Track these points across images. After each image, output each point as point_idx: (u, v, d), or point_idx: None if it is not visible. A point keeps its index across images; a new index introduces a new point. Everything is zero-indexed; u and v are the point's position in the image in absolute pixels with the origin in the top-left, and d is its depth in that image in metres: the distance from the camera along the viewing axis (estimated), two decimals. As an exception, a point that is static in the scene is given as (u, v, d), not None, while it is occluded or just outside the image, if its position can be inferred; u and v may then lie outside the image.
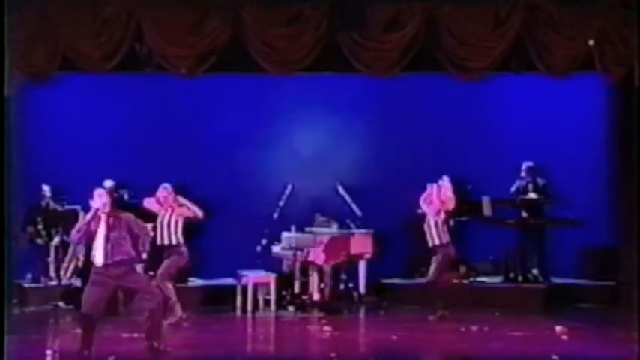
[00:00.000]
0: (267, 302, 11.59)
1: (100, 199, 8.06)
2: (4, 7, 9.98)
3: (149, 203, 10.47)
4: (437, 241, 10.55)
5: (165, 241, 10.17)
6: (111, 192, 12.22)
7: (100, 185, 12.17)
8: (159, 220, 10.23)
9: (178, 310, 10.05)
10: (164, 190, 10.32)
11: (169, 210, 10.24)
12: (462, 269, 11.99)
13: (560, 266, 12.36)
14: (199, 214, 10.32)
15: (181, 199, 10.33)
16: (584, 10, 11.03)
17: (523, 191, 12.38)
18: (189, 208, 10.27)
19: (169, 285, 10.05)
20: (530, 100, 12.89)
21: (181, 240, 10.22)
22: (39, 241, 12.04)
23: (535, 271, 12.12)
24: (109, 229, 8.01)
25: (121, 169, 12.38)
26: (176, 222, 10.20)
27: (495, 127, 12.99)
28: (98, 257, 7.98)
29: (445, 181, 10.91)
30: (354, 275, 12.24)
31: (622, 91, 11.63)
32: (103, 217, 8.06)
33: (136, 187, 12.32)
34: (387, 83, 11.89)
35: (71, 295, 11.56)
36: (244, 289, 11.53)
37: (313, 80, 12.24)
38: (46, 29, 10.90)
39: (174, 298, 10.03)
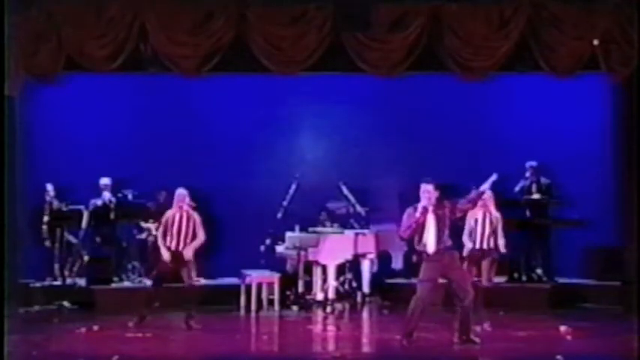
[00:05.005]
0: (271, 302, 11.61)
1: (428, 195, 8.59)
2: (4, 7, 10.02)
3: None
4: (485, 245, 10.53)
5: (180, 247, 10.20)
6: (114, 191, 12.33)
7: (98, 183, 12.34)
8: (175, 225, 10.22)
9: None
10: (179, 194, 10.36)
11: (184, 214, 10.27)
12: None
13: (565, 266, 12.35)
14: (202, 238, 10.24)
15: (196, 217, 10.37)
16: (589, 10, 11.04)
17: (527, 191, 12.37)
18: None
19: None
20: (534, 100, 12.88)
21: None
22: (44, 240, 12.05)
23: (539, 271, 12.12)
24: (438, 220, 8.62)
25: (125, 168, 12.42)
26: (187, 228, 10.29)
27: (500, 127, 12.99)
28: (430, 245, 8.59)
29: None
30: (357, 275, 12.23)
31: (627, 91, 11.62)
32: (431, 209, 8.60)
33: (140, 187, 12.37)
34: (392, 83, 11.89)
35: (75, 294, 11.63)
36: (248, 288, 11.54)
37: (317, 80, 12.24)
38: (51, 29, 10.92)
39: None
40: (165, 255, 9.99)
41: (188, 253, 10.01)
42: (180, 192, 10.26)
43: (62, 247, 12.00)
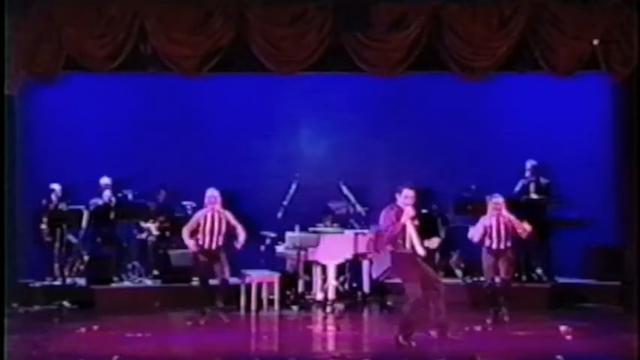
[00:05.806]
0: (271, 302, 11.61)
1: (411, 200, 8.70)
2: (4, 8, 10.02)
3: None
4: (502, 246, 10.53)
5: (213, 246, 10.26)
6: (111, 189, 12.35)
7: (98, 182, 12.34)
8: (208, 224, 10.35)
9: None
10: (211, 195, 10.41)
11: (215, 214, 10.32)
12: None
13: (565, 266, 12.35)
14: (242, 234, 10.54)
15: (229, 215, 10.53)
16: (589, 10, 11.03)
17: (526, 190, 12.36)
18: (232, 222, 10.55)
19: None
20: (534, 100, 12.88)
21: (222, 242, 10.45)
22: (44, 240, 12.04)
23: (539, 271, 12.11)
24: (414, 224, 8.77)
25: (125, 168, 12.42)
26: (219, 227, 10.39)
27: (500, 127, 13.00)
28: (419, 248, 8.67)
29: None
30: (357, 275, 12.23)
31: (627, 91, 11.62)
32: (412, 214, 8.70)
33: (140, 187, 12.37)
34: (391, 83, 11.89)
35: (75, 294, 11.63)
36: (248, 288, 11.53)
37: (317, 80, 12.24)
38: (51, 29, 10.92)
39: None
40: (191, 245, 10.35)
41: (238, 246, 10.54)
42: (212, 193, 10.47)
43: (62, 247, 11.99)
